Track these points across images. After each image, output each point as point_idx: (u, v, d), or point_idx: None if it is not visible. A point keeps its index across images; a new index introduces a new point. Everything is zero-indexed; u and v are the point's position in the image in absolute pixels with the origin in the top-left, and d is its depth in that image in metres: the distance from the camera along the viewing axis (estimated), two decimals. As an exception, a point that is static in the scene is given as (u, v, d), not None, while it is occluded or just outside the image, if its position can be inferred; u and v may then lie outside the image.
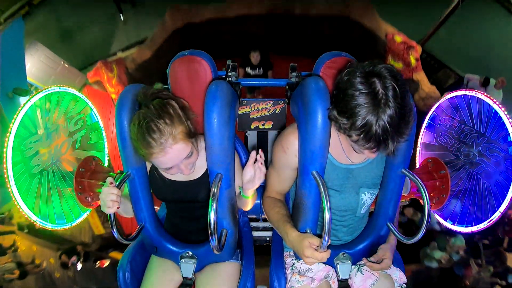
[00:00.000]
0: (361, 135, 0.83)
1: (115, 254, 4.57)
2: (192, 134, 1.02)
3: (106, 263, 4.49)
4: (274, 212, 1.15)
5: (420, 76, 4.30)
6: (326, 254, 0.95)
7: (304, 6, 5.11)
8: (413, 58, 4.08)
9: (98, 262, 4.49)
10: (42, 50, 4.25)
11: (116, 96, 4.78)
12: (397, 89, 0.80)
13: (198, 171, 1.13)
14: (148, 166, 1.15)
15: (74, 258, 4.31)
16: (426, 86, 4.37)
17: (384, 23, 4.55)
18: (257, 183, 1.07)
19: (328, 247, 0.95)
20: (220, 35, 5.18)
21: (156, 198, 1.20)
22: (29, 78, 3.99)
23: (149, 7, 5.65)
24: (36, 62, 4.14)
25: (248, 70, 4.03)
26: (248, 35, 5.01)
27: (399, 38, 4.20)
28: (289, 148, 1.07)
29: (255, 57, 3.96)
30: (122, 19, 5.61)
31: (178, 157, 0.97)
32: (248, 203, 1.18)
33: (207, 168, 1.11)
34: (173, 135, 0.94)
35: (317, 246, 0.96)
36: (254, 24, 5.21)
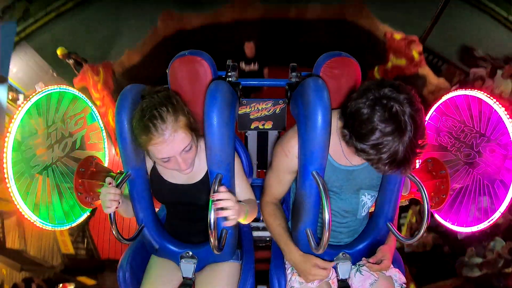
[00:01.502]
0: (387, 165, 0.85)
1: (84, 280, 3.80)
2: (193, 129, 1.02)
3: (70, 287, 3.68)
4: (276, 224, 1.17)
5: (425, 70, 4.19)
6: (327, 272, 1.06)
7: (299, 10, 4.98)
8: (415, 52, 4.00)
9: (61, 285, 3.61)
10: (31, 55, 4.03)
11: (100, 102, 4.40)
12: (417, 118, 0.81)
13: (198, 174, 1.12)
14: (149, 167, 1.15)
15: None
16: (433, 79, 4.21)
17: (381, 24, 4.42)
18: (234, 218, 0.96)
19: (328, 246, 0.96)
20: (213, 43, 4.77)
21: (156, 199, 1.20)
22: (12, 80, 3.75)
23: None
24: (23, 66, 3.92)
25: (242, 65, 3.52)
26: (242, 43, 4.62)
27: (398, 35, 4.09)
28: (290, 152, 1.07)
29: (250, 48, 3.44)
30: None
31: (176, 147, 0.96)
32: (247, 220, 1.14)
33: (207, 171, 1.10)
34: (174, 123, 0.94)
35: (323, 268, 1.06)
36: (248, 30, 4.91)
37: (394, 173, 0.89)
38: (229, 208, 0.93)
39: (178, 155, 0.97)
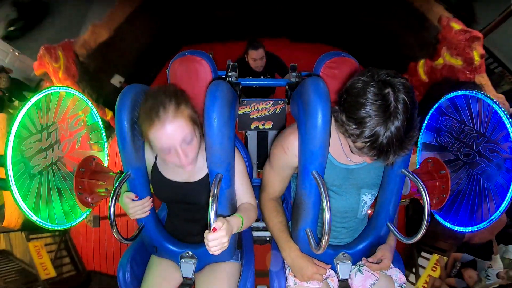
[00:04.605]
0: (367, 144, 0.83)
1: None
2: (196, 122, 1.02)
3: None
4: (277, 221, 1.17)
5: (484, 79, 2.98)
6: (323, 273, 1.09)
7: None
8: (477, 54, 2.88)
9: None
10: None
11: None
12: (409, 104, 0.80)
13: (199, 173, 1.12)
14: (150, 164, 1.15)
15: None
16: (491, 93, 2.89)
17: (437, 4, 3.07)
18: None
19: (328, 246, 0.96)
20: (207, 7, 3.60)
21: (157, 198, 1.20)
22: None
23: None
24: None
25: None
26: (247, 10, 3.51)
27: (457, 25, 2.87)
28: (289, 149, 1.07)
29: (257, 58, 2.47)
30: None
31: (176, 135, 0.95)
32: (244, 228, 1.11)
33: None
34: (175, 111, 0.95)
35: (321, 274, 1.08)
36: None
37: (375, 159, 0.88)
38: (223, 244, 0.92)
39: (178, 146, 0.96)
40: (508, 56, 3.70)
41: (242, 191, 1.16)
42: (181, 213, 1.21)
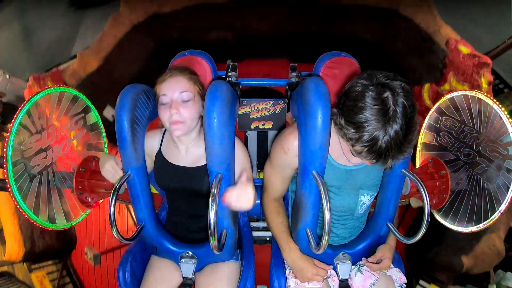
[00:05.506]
0: (366, 148, 0.83)
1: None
2: (199, 92, 1.12)
3: None
4: (278, 222, 1.17)
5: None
6: (324, 274, 1.09)
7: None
8: (484, 81, 2.72)
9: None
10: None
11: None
12: (408, 108, 0.80)
13: (202, 159, 1.13)
14: (154, 152, 1.17)
15: None
16: None
17: (445, 25, 2.94)
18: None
19: (328, 246, 0.96)
20: (203, 31, 3.39)
21: (159, 186, 1.21)
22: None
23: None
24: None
25: None
26: (247, 36, 3.36)
27: (465, 49, 2.74)
28: (289, 149, 1.07)
29: None
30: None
31: (176, 86, 1.07)
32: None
33: None
34: (182, 72, 1.11)
35: (322, 276, 1.08)
36: (254, 12, 3.25)
37: (374, 163, 0.88)
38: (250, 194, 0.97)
39: (174, 96, 1.06)
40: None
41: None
42: (182, 206, 1.21)
